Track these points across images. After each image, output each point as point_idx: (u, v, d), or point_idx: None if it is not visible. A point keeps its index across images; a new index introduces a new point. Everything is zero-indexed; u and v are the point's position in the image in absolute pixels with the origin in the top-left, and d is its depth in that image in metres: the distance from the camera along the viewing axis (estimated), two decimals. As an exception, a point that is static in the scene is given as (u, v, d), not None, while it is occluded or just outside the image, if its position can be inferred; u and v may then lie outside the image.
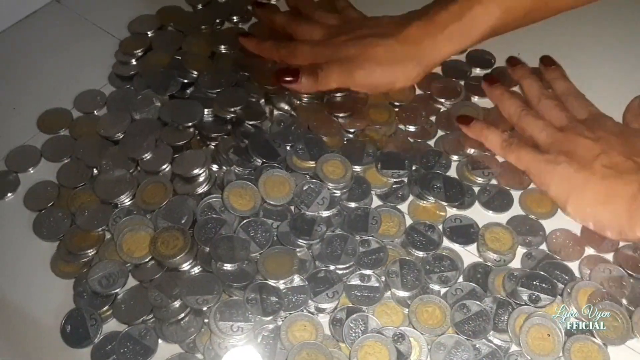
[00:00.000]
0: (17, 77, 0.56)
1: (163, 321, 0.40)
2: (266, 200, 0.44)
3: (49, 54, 0.58)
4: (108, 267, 0.42)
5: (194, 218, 0.44)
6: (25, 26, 0.61)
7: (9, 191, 0.48)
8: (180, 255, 0.41)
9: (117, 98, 0.53)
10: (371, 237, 0.43)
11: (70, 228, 0.45)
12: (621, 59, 0.56)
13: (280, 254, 0.42)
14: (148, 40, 0.57)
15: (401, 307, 0.41)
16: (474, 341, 0.39)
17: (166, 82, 0.52)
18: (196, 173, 0.46)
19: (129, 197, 0.45)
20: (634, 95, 0.53)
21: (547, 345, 0.38)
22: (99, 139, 0.49)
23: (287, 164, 0.47)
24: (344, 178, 0.45)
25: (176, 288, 0.40)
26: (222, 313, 0.39)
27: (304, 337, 0.39)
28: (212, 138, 0.49)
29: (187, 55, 0.54)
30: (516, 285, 0.40)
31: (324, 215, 0.44)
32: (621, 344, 0.39)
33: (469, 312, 0.40)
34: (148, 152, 0.47)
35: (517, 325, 0.39)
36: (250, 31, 0.58)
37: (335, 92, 0.51)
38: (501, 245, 0.43)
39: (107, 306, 0.41)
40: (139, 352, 0.39)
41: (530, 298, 0.40)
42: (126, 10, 0.60)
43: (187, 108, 0.50)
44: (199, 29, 0.58)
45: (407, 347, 0.38)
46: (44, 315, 0.41)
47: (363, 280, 0.41)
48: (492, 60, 0.56)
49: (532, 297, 0.40)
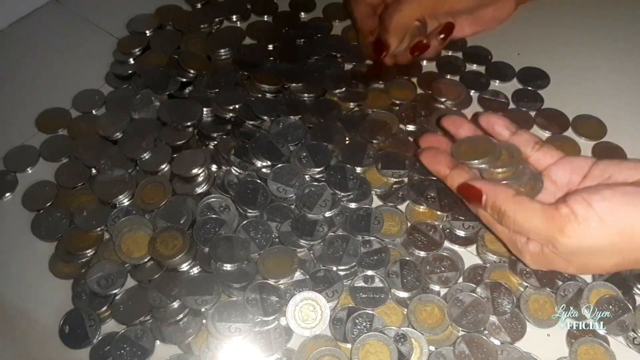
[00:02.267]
0: (15, 76, 0.56)
1: (162, 322, 0.40)
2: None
3: (47, 53, 0.58)
4: (107, 267, 0.42)
5: (193, 218, 0.44)
6: (23, 25, 0.61)
7: (7, 191, 0.47)
8: (180, 256, 0.41)
9: (116, 98, 0.53)
10: (373, 237, 0.43)
11: (69, 228, 0.44)
12: (621, 59, 0.56)
13: (280, 254, 0.42)
14: (146, 39, 0.57)
15: (401, 307, 0.41)
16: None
17: (164, 81, 0.52)
18: (195, 173, 0.46)
19: (127, 197, 0.45)
20: (634, 95, 0.53)
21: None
22: (97, 138, 0.49)
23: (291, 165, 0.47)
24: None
25: (175, 288, 0.40)
26: (220, 314, 0.39)
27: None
28: (211, 138, 0.49)
29: (185, 54, 0.54)
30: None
31: (326, 215, 0.44)
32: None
33: (463, 304, 0.40)
34: (147, 152, 0.47)
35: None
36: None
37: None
38: (500, 247, 0.43)
39: (105, 307, 0.41)
40: (136, 354, 0.39)
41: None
42: (125, 10, 0.60)
43: (186, 108, 0.50)
44: (198, 28, 0.58)
45: (409, 348, 0.38)
46: (43, 316, 0.41)
47: (367, 281, 0.41)
48: (489, 56, 0.56)
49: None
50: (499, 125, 0.44)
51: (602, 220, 0.34)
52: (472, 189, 0.40)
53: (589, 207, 0.35)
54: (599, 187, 0.37)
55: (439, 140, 0.46)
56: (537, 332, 0.40)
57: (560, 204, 0.36)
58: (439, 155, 0.44)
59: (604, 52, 0.56)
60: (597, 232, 0.35)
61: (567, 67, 0.54)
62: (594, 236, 0.35)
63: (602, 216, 0.34)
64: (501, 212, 0.38)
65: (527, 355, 0.38)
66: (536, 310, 0.40)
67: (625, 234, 0.34)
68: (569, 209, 0.35)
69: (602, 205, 0.35)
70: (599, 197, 0.35)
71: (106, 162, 0.47)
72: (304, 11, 0.61)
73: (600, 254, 0.36)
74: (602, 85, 0.53)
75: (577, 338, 0.39)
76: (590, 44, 0.57)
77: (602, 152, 0.48)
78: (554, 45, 0.57)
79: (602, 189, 0.36)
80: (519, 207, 0.37)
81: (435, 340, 0.39)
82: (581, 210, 0.35)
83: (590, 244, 0.35)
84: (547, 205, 0.37)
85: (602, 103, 0.51)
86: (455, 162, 0.43)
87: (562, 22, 0.59)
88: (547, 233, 0.36)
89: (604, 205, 0.35)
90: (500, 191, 0.38)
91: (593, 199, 0.35)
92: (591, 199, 0.35)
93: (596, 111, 0.51)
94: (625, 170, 0.38)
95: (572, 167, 0.41)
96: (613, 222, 0.34)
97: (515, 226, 0.38)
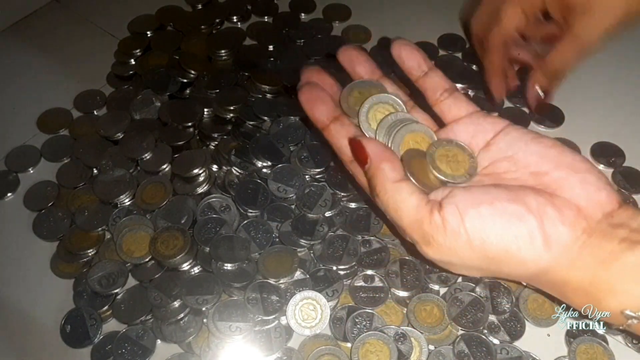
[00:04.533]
0: (16, 76, 0.56)
1: (162, 321, 0.40)
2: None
3: (48, 53, 0.58)
4: (108, 267, 0.42)
5: (194, 218, 0.44)
6: (24, 26, 0.61)
7: (8, 191, 0.48)
8: (180, 255, 0.41)
9: (117, 98, 0.53)
10: (373, 237, 0.43)
11: (70, 228, 0.44)
12: (622, 59, 0.56)
13: (280, 253, 0.42)
14: (146, 40, 0.57)
15: (400, 307, 0.41)
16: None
17: (165, 82, 0.52)
18: (196, 173, 0.46)
19: (128, 197, 0.45)
20: (634, 95, 0.53)
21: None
22: (98, 139, 0.49)
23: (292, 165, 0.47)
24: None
25: (176, 288, 0.40)
26: (221, 313, 0.39)
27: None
28: (212, 138, 0.49)
29: (186, 55, 0.54)
30: None
31: (326, 215, 0.44)
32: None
33: (462, 304, 0.40)
34: (148, 152, 0.47)
35: None
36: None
37: None
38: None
39: (107, 306, 0.41)
40: (137, 353, 0.39)
41: None
42: (126, 10, 0.60)
43: (187, 108, 0.50)
44: (199, 28, 0.58)
45: (408, 347, 0.38)
46: (44, 315, 0.41)
47: (367, 281, 0.42)
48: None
49: None
50: (411, 60, 0.37)
51: (471, 243, 0.31)
52: (361, 149, 0.34)
53: (460, 223, 0.31)
54: (479, 199, 0.31)
55: (323, 79, 0.38)
56: (536, 331, 0.40)
57: (435, 210, 0.32)
58: (321, 98, 0.36)
59: (605, 53, 0.56)
60: (463, 252, 0.31)
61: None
62: (460, 255, 0.31)
63: (471, 238, 0.31)
64: (375, 191, 0.33)
65: (526, 354, 0.38)
66: (535, 310, 0.40)
67: (493, 260, 0.31)
68: (441, 219, 0.31)
69: (474, 226, 0.30)
70: (475, 214, 0.31)
71: (107, 162, 0.47)
72: (304, 12, 0.61)
73: (466, 271, 0.34)
74: (603, 85, 0.53)
75: (576, 337, 0.39)
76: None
77: (601, 151, 0.48)
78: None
79: (482, 204, 0.31)
80: (393, 196, 0.32)
81: (434, 340, 0.39)
82: (452, 225, 0.31)
83: (456, 262, 0.32)
84: (424, 204, 0.32)
85: (602, 103, 0.51)
86: (339, 112, 0.37)
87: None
88: (412, 236, 0.33)
89: (476, 226, 0.30)
90: (386, 168, 0.33)
91: (468, 215, 0.31)
92: (466, 215, 0.31)
93: (594, 108, 0.51)
94: (530, 156, 0.33)
95: (477, 129, 0.35)
96: (480, 246, 0.31)
97: (386, 212, 0.34)
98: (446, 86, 0.37)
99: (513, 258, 0.31)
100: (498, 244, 0.31)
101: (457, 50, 0.57)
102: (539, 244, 0.30)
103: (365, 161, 0.34)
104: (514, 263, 0.31)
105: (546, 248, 0.30)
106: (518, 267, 0.31)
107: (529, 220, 0.30)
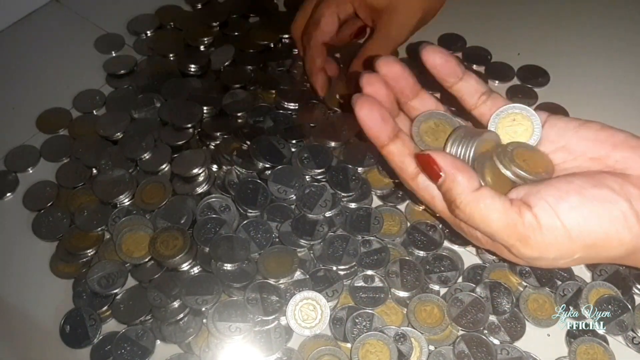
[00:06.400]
0: (16, 76, 0.56)
1: (162, 321, 0.40)
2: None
3: (48, 53, 0.58)
4: (107, 267, 0.42)
5: (194, 218, 0.44)
6: (24, 26, 0.61)
7: (8, 191, 0.47)
8: (180, 256, 0.41)
9: (116, 98, 0.53)
10: (373, 237, 0.43)
11: (70, 228, 0.44)
12: (621, 59, 0.56)
13: (280, 254, 0.42)
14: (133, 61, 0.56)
15: (401, 307, 0.41)
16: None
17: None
18: (195, 173, 0.46)
19: (128, 197, 0.45)
20: (634, 95, 0.53)
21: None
22: (98, 138, 0.49)
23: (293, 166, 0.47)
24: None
25: (175, 288, 0.40)
26: (221, 313, 0.39)
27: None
28: (212, 137, 0.49)
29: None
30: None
31: (326, 215, 0.44)
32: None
33: (462, 304, 0.40)
34: (147, 152, 0.47)
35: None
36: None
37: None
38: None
39: (106, 306, 0.41)
40: (137, 354, 0.39)
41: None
42: (125, 10, 0.60)
43: (187, 108, 0.50)
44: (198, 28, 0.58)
45: (409, 348, 0.38)
46: (43, 316, 0.41)
47: (367, 281, 0.42)
48: (489, 56, 0.56)
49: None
50: (447, 67, 0.36)
51: (570, 234, 0.31)
52: (432, 163, 0.33)
53: (555, 217, 0.31)
54: (565, 189, 0.32)
55: (379, 89, 0.35)
56: (537, 331, 0.40)
57: (524, 209, 0.32)
58: (382, 115, 0.34)
59: (605, 53, 0.56)
60: (562, 245, 0.32)
61: (567, 66, 0.54)
62: (558, 248, 0.32)
63: (569, 229, 0.31)
64: (455, 204, 0.33)
65: (526, 354, 0.38)
66: (535, 310, 0.40)
67: (592, 246, 0.32)
68: (534, 217, 0.31)
69: (571, 217, 0.31)
70: (567, 206, 0.31)
71: (107, 162, 0.47)
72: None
73: (561, 262, 0.33)
74: (603, 85, 0.53)
75: (577, 337, 0.39)
76: (590, 44, 0.57)
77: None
78: (553, 45, 0.57)
79: (570, 194, 0.32)
80: (477, 205, 0.32)
81: (434, 340, 0.39)
82: (547, 220, 0.31)
83: (554, 256, 0.32)
84: (510, 206, 0.32)
85: (602, 102, 0.51)
86: (396, 130, 0.35)
87: (562, 23, 0.59)
88: (507, 241, 0.32)
89: (573, 217, 0.31)
90: (463, 179, 0.32)
91: (560, 208, 0.31)
92: (558, 208, 0.31)
93: (595, 109, 0.51)
94: (584, 143, 0.34)
95: None
96: (580, 235, 0.31)
97: (470, 223, 0.33)
98: (483, 90, 0.37)
99: (613, 241, 0.32)
100: (597, 231, 0.31)
101: (457, 50, 0.57)
102: (634, 223, 0.31)
103: (437, 176, 0.33)
104: (613, 246, 0.32)
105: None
106: (617, 249, 0.32)
107: (619, 202, 0.31)
